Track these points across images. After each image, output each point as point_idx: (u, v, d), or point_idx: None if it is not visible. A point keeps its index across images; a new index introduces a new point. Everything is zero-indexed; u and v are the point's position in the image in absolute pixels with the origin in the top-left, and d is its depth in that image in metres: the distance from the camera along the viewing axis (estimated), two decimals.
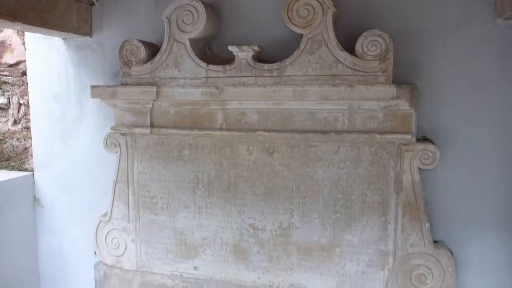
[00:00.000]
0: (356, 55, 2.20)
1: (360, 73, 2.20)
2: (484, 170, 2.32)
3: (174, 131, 2.57)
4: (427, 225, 2.29)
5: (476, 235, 2.36)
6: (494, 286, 2.36)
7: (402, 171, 2.29)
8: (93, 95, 2.61)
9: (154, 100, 2.52)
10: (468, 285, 2.39)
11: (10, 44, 3.14)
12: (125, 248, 2.81)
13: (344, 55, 2.22)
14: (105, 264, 2.89)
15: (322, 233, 2.44)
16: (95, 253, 2.93)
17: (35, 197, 3.11)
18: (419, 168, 2.28)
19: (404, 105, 2.18)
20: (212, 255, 2.64)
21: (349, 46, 2.23)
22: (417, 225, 2.30)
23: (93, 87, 2.60)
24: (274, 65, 2.33)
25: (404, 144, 2.27)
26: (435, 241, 2.34)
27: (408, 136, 2.21)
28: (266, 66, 2.35)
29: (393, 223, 2.33)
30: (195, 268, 2.69)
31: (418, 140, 2.29)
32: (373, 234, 2.36)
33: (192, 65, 2.47)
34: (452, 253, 2.32)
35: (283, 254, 2.51)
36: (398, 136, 2.24)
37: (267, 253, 2.54)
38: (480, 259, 2.37)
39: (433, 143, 2.29)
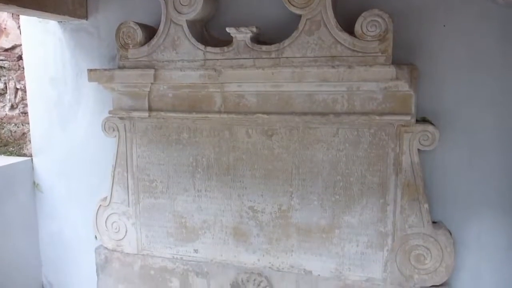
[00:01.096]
0: (355, 36, 2.18)
1: (360, 54, 2.18)
2: (483, 151, 2.31)
3: (172, 114, 2.56)
4: (426, 206, 2.30)
5: (475, 215, 2.37)
6: (492, 266, 2.38)
7: (401, 152, 2.29)
8: (90, 79, 2.58)
9: (152, 83, 2.50)
10: (466, 265, 2.41)
11: (5, 28, 3.10)
12: (126, 232, 2.83)
13: (343, 36, 2.19)
14: (106, 248, 2.90)
15: (321, 215, 2.45)
16: (96, 237, 2.95)
17: (34, 182, 3.11)
18: (418, 149, 2.28)
19: (403, 86, 2.16)
20: (212, 238, 2.66)
21: (348, 27, 2.20)
22: (416, 206, 2.31)
23: (90, 70, 2.57)
24: (273, 47, 2.31)
25: (404, 126, 2.26)
26: (434, 222, 2.35)
27: (408, 117, 2.20)
28: (264, 47, 2.33)
29: (392, 204, 2.34)
30: (196, 251, 2.70)
31: (417, 121, 2.28)
32: (372, 216, 2.37)
33: (190, 47, 2.44)
34: (451, 234, 2.33)
35: (282, 236, 2.53)
36: (398, 117, 2.23)
37: (267, 235, 2.55)
38: (479, 240, 2.38)
39: (432, 124, 2.28)
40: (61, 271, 3.13)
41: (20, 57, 3.10)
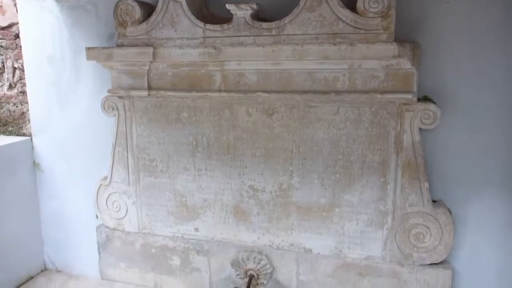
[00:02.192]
0: (357, 13, 2.14)
1: (361, 31, 2.15)
2: (484, 130, 2.30)
3: (172, 93, 2.54)
4: (426, 184, 2.30)
5: (475, 194, 2.37)
6: (491, 245, 2.39)
7: (402, 131, 2.28)
8: (89, 57, 2.56)
9: (151, 61, 2.47)
10: (465, 244, 2.42)
11: (1, 6, 3.06)
12: (126, 211, 2.84)
13: (345, 13, 2.16)
14: (107, 227, 2.92)
15: (321, 194, 2.45)
16: (97, 216, 2.96)
17: (34, 162, 3.11)
18: (420, 128, 2.26)
19: (406, 64, 2.13)
20: (213, 216, 2.67)
21: (350, 3, 2.16)
22: (416, 185, 2.31)
23: (88, 49, 2.54)
24: (273, 24, 2.28)
25: (405, 104, 2.24)
26: (434, 201, 2.35)
27: (409, 96, 2.18)
28: (264, 25, 2.29)
29: (393, 183, 2.34)
30: (196, 229, 2.72)
31: (419, 99, 2.26)
32: (372, 194, 2.38)
33: (189, 25, 2.41)
34: (450, 212, 2.33)
35: (283, 214, 2.54)
36: (399, 95, 2.20)
37: (267, 214, 2.56)
38: (478, 218, 2.39)
39: (434, 102, 2.26)
40: (63, 250, 3.16)
41: (17, 36, 3.06)
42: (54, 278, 3.10)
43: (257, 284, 2.62)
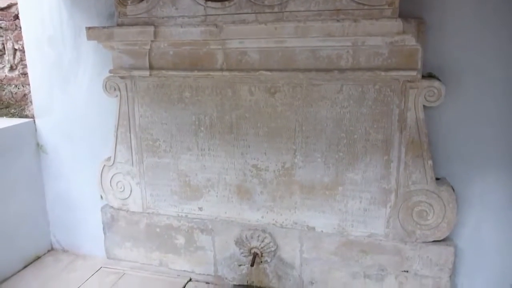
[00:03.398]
0: None
1: (365, 7, 2.11)
2: (489, 107, 2.27)
3: (173, 72, 2.52)
4: (430, 162, 2.29)
5: (478, 172, 2.36)
6: (494, 222, 2.40)
7: (406, 108, 2.26)
8: (89, 37, 2.53)
9: (152, 41, 2.45)
10: (468, 221, 2.42)
11: None
12: (130, 191, 2.85)
13: None
14: (112, 207, 2.94)
15: (325, 172, 2.45)
16: (101, 196, 2.98)
17: (38, 144, 3.11)
18: (424, 106, 2.24)
19: (410, 41, 2.10)
20: (216, 196, 2.68)
21: None
22: (420, 163, 2.30)
23: (88, 28, 2.52)
24: (275, 1, 2.24)
25: (409, 81, 2.22)
26: (437, 178, 2.35)
27: (414, 73, 2.16)
28: (267, 1, 2.26)
29: (396, 161, 2.33)
30: (200, 208, 2.73)
31: (423, 76, 2.23)
32: (375, 172, 2.37)
33: (190, 3, 2.37)
34: (454, 190, 2.33)
35: (286, 193, 2.54)
36: (403, 73, 2.18)
37: (271, 193, 2.57)
38: (482, 196, 2.38)
39: (438, 79, 2.24)
40: (69, 230, 3.19)
41: (16, 17, 3.02)
42: (61, 258, 3.14)
43: (261, 262, 2.65)
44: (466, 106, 2.30)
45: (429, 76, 2.27)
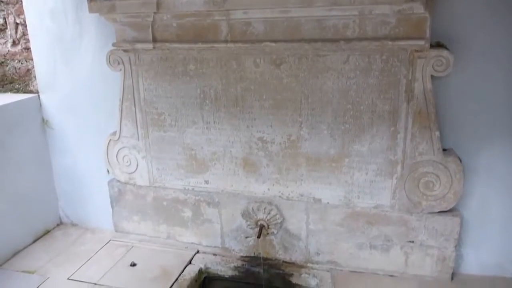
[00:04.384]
0: None
1: None
2: (497, 77, 2.23)
3: (177, 45, 2.49)
4: (437, 133, 2.28)
5: (486, 143, 2.34)
6: (500, 193, 2.39)
7: (413, 79, 2.23)
8: (91, 10, 2.50)
9: (154, 12, 2.41)
10: (475, 192, 2.42)
11: None
12: (137, 165, 2.87)
13: None
14: (119, 181, 2.97)
15: (331, 144, 2.44)
16: (108, 171, 3.00)
17: (43, 119, 3.11)
18: (432, 76, 2.21)
19: (418, 8, 2.05)
20: (222, 169, 2.68)
21: None
22: (427, 134, 2.29)
23: (90, 1, 2.48)
24: None
25: (417, 51, 2.18)
26: (444, 149, 2.34)
27: (422, 42, 2.11)
28: None
29: (403, 132, 2.32)
30: (206, 182, 2.75)
31: (431, 46, 2.19)
32: (382, 144, 2.36)
33: None
34: (460, 161, 2.32)
35: (292, 166, 2.54)
36: (411, 42, 2.14)
37: (277, 165, 2.57)
38: (489, 167, 2.37)
39: (447, 48, 2.19)
40: (77, 204, 3.22)
41: None
42: (70, 232, 3.19)
43: (268, 233, 2.67)
44: (474, 75, 2.26)
45: (437, 45, 2.23)
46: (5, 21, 3.09)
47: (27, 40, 3.04)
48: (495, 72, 2.23)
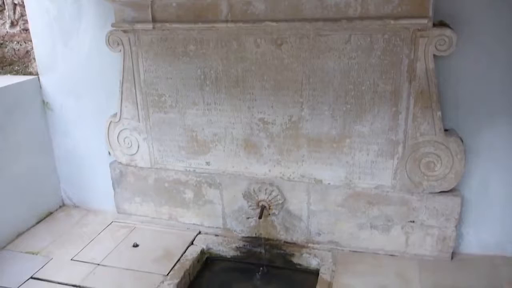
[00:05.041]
0: None
1: None
2: (500, 56, 2.22)
3: (177, 25, 2.47)
4: (439, 113, 2.27)
5: (487, 123, 2.33)
6: (501, 173, 2.40)
7: (416, 58, 2.21)
8: None
9: None
10: (476, 172, 2.42)
11: None
12: (138, 147, 2.87)
13: None
14: (120, 163, 2.97)
15: (332, 125, 2.43)
16: (109, 153, 3.00)
17: (43, 101, 3.10)
18: (434, 55, 2.19)
19: None
20: (223, 150, 2.68)
21: None
22: (429, 114, 2.28)
23: None
24: None
25: (420, 30, 2.15)
26: (445, 130, 2.33)
27: (425, 21, 2.09)
28: None
29: (404, 112, 2.31)
30: (208, 163, 2.75)
31: (434, 25, 2.16)
32: (383, 124, 2.36)
33: None
34: (462, 141, 2.32)
35: (293, 147, 2.54)
36: (414, 21, 2.11)
37: (278, 146, 2.57)
38: (490, 147, 2.37)
39: (450, 27, 2.17)
40: (79, 186, 3.24)
41: None
42: (73, 213, 3.21)
43: (269, 214, 2.69)
44: (477, 55, 2.24)
45: (440, 24, 2.20)
46: (3, 2, 3.05)
47: (26, 21, 3.01)
48: (498, 51, 2.21)
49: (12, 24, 3.08)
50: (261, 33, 2.38)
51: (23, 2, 2.96)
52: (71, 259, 2.65)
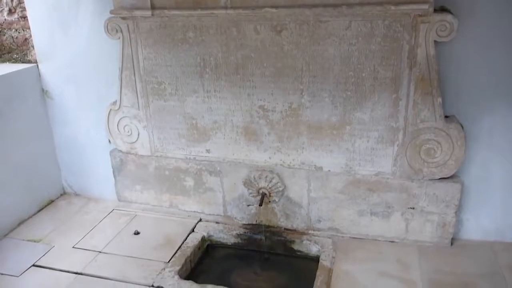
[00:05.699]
0: None
1: None
2: (501, 42, 2.20)
3: (176, 12, 2.45)
4: (439, 100, 2.26)
5: (488, 109, 2.32)
6: (501, 159, 2.39)
7: (416, 44, 2.19)
8: None
9: None
10: (475, 159, 2.42)
11: None
12: (138, 135, 2.86)
13: None
14: (120, 151, 2.97)
15: (332, 112, 2.43)
16: (109, 141, 3.00)
17: (43, 89, 3.09)
18: (435, 41, 2.18)
19: None
20: (224, 138, 2.68)
21: None
22: (429, 100, 2.27)
23: None
24: None
25: (420, 15, 2.14)
26: (446, 116, 2.32)
27: (425, 6, 2.07)
28: None
29: (405, 99, 2.30)
30: (208, 151, 2.75)
31: (435, 10, 2.14)
32: (384, 111, 2.35)
33: None
34: (462, 128, 2.31)
35: (293, 134, 2.54)
36: (415, 6, 2.10)
37: (278, 133, 2.57)
38: (491, 134, 2.36)
39: (451, 13, 2.15)
40: (80, 174, 3.24)
41: None
42: (74, 201, 3.22)
43: (269, 201, 2.70)
44: (478, 41, 2.22)
45: (441, 9, 2.18)
46: None
47: (23, 8, 2.98)
48: (500, 37, 2.19)
49: (10, 12, 3.06)
50: (261, 20, 2.36)
51: None
52: (73, 247, 2.66)
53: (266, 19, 2.35)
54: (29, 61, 3.10)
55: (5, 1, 3.03)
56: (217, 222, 2.84)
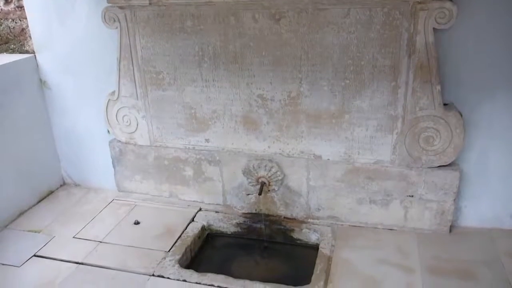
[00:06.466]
0: None
1: None
2: (500, 29, 2.18)
3: (174, 0, 2.43)
4: (438, 87, 2.26)
5: (487, 97, 2.32)
6: (500, 147, 2.40)
7: (415, 32, 2.18)
8: None
9: None
10: (474, 146, 2.42)
11: None
12: (137, 125, 2.86)
13: None
14: (119, 141, 2.97)
15: (331, 101, 2.43)
16: (108, 131, 3.00)
17: (41, 80, 3.08)
18: (434, 29, 2.16)
19: None
20: (223, 127, 2.68)
21: None
22: (428, 88, 2.27)
23: None
24: None
25: (419, 2, 2.12)
26: (445, 104, 2.32)
27: None
28: None
29: (404, 87, 2.30)
30: (207, 140, 2.75)
31: None
32: (382, 99, 2.35)
33: None
34: (461, 115, 2.31)
35: (292, 123, 2.54)
36: None
37: (277, 122, 2.57)
38: (490, 121, 2.36)
39: (450, 0, 2.13)
40: (79, 165, 3.24)
41: None
42: (74, 192, 3.23)
43: (269, 190, 2.70)
44: (477, 27, 2.21)
45: None
46: None
47: None
48: (499, 24, 2.18)
49: (7, 1, 3.03)
50: (259, 8, 2.34)
51: None
52: (73, 237, 2.68)
53: (264, 7, 2.33)
54: (27, 52, 3.08)
55: None
56: (216, 212, 2.85)
